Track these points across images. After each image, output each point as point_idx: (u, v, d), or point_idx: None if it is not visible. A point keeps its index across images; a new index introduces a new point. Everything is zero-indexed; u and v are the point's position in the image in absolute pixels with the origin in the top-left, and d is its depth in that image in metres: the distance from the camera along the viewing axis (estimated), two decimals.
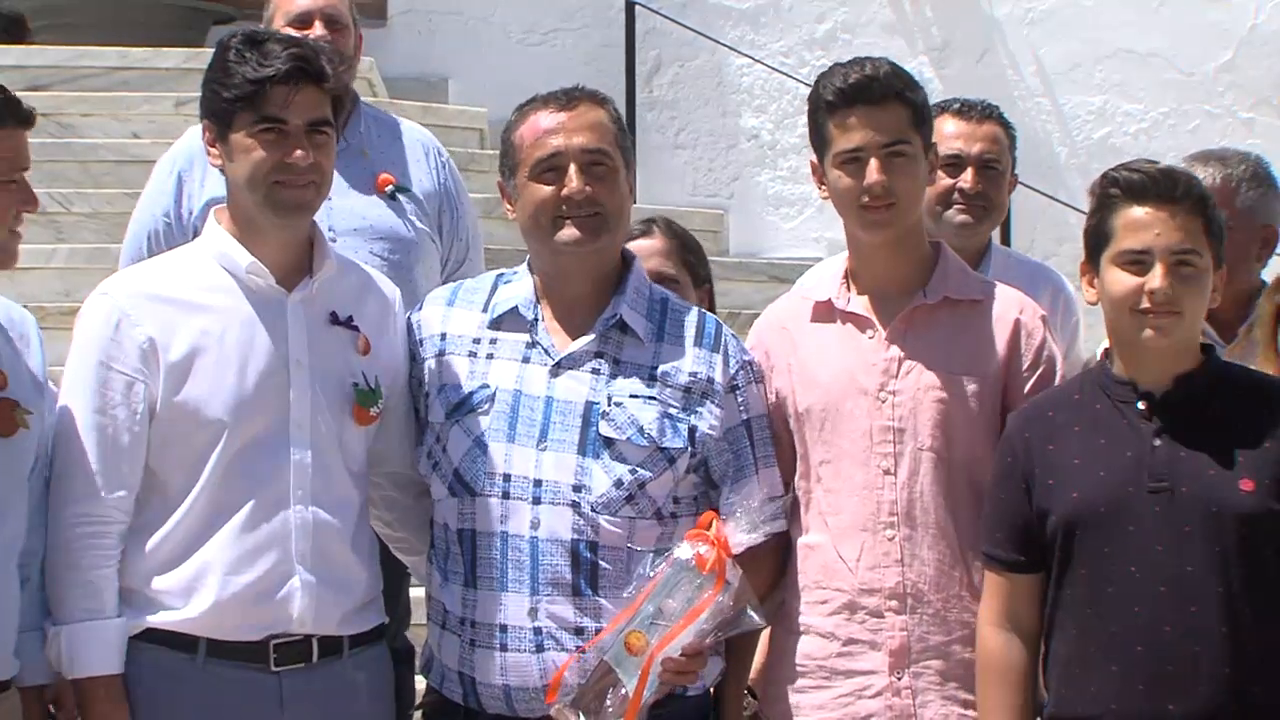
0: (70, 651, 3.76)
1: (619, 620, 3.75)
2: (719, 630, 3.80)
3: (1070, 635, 3.74)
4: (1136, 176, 3.77)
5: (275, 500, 3.81)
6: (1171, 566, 3.65)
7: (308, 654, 3.84)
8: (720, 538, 3.79)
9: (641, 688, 3.72)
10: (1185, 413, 3.75)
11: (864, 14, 10.77)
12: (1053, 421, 3.83)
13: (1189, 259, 3.72)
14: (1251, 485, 3.67)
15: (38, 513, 3.81)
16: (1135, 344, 3.76)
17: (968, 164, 5.17)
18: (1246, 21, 10.96)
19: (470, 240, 5.15)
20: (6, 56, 9.19)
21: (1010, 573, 3.82)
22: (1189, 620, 3.64)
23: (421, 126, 5.35)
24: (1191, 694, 3.63)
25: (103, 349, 3.83)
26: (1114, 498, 3.70)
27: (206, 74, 3.94)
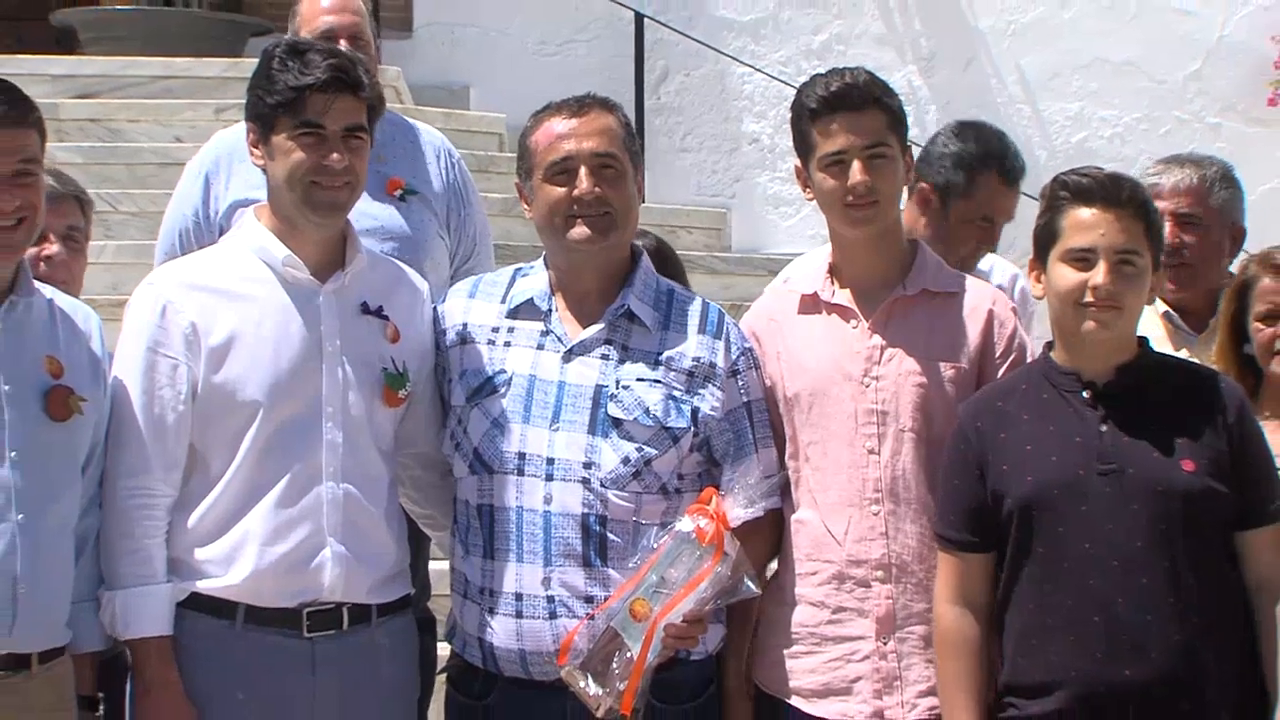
0: (124, 614, 3.80)
1: (625, 589, 3.77)
2: (718, 598, 3.81)
3: (1027, 608, 3.77)
4: (1084, 180, 3.82)
5: (309, 476, 3.84)
6: (1122, 542, 3.69)
7: (338, 621, 3.87)
8: (719, 512, 3.81)
9: (645, 651, 3.72)
10: (1127, 400, 3.79)
11: (856, 27, 10.77)
12: (1002, 411, 3.85)
13: (1130, 258, 3.76)
14: (1192, 465, 3.71)
15: (95, 494, 3.84)
16: (1078, 336, 3.80)
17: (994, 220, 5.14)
18: (1214, 33, 10.98)
19: (478, 236, 5.16)
20: (59, 66, 9.21)
21: (964, 553, 3.85)
22: (1139, 591, 3.67)
23: (435, 129, 5.35)
24: (1145, 659, 3.66)
25: (150, 335, 3.86)
26: (1067, 480, 3.73)
27: (251, 80, 3.96)
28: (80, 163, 7.81)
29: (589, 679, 3.74)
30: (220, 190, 4.87)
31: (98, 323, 3.95)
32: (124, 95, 9.09)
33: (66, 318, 3.88)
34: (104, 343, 3.92)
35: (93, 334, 3.91)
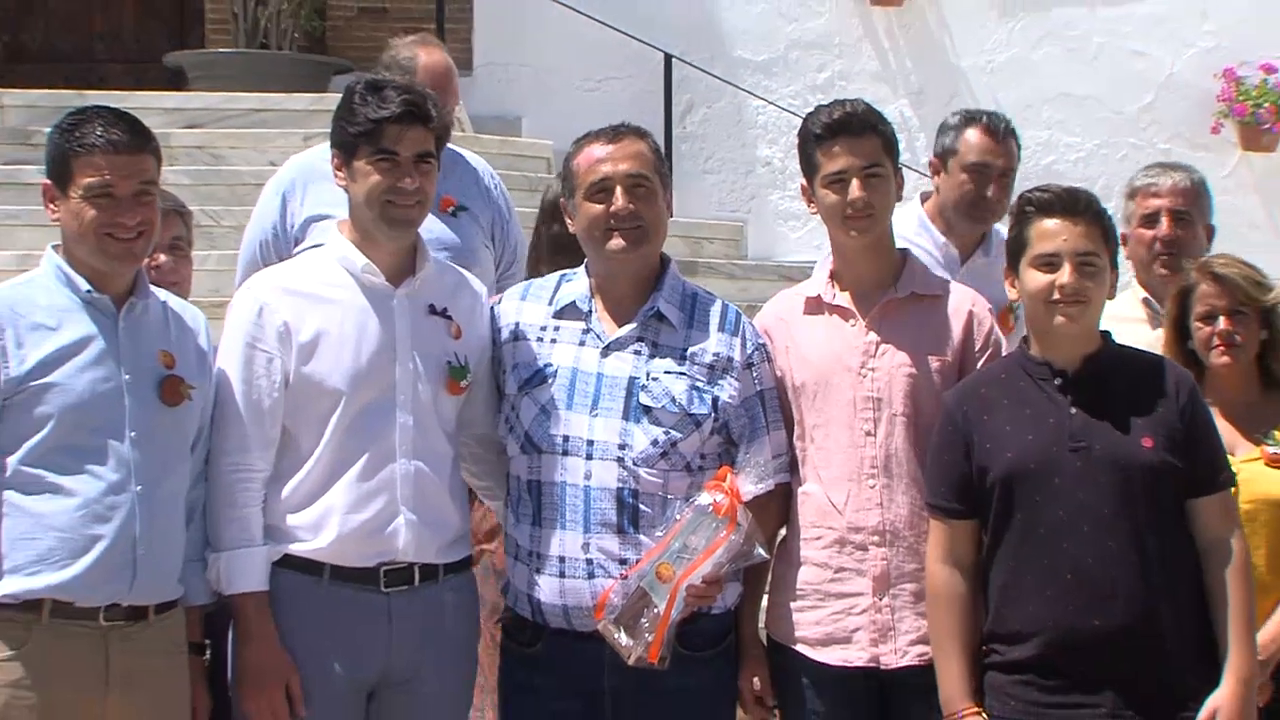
0: (228, 573, 3.81)
1: (652, 554, 3.76)
2: (733, 562, 3.80)
3: (1008, 567, 3.76)
4: (1046, 195, 3.82)
5: (384, 454, 3.84)
6: (1091, 509, 3.68)
7: (410, 578, 3.87)
8: (733, 488, 3.80)
9: (669, 609, 3.72)
10: (1092, 386, 3.77)
11: (855, 65, 10.76)
12: (985, 396, 3.84)
13: (1090, 259, 3.75)
14: (1151, 442, 3.70)
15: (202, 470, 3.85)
16: (1049, 330, 3.79)
17: (991, 176, 5.09)
18: (1164, 71, 10.93)
19: (516, 248, 5.17)
20: (170, 100, 9.25)
21: (952, 519, 3.83)
22: (1106, 551, 3.66)
23: (479, 157, 5.36)
24: (1111, 611, 3.65)
25: (248, 332, 3.87)
26: (1042, 457, 3.72)
27: (336, 112, 3.95)
28: (188, 184, 7.84)
29: (621, 631, 3.74)
30: (296, 207, 4.88)
31: (204, 321, 3.96)
32: (225, 126, 9.12)
33: (177, 316, 3.89)
34: (209, 338, 3.93)
35: (200, 331, 3.92)
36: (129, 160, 3.72)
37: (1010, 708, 3.74)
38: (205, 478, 3.86)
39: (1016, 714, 3.73)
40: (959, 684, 3.77)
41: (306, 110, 9.06)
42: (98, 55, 11.10)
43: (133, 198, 3.72)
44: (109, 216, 3.69)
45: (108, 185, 3.69)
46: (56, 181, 3.76)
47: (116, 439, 3.68)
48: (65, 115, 3.84)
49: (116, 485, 3.66)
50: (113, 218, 3.70)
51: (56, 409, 3.64)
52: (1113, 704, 3.66)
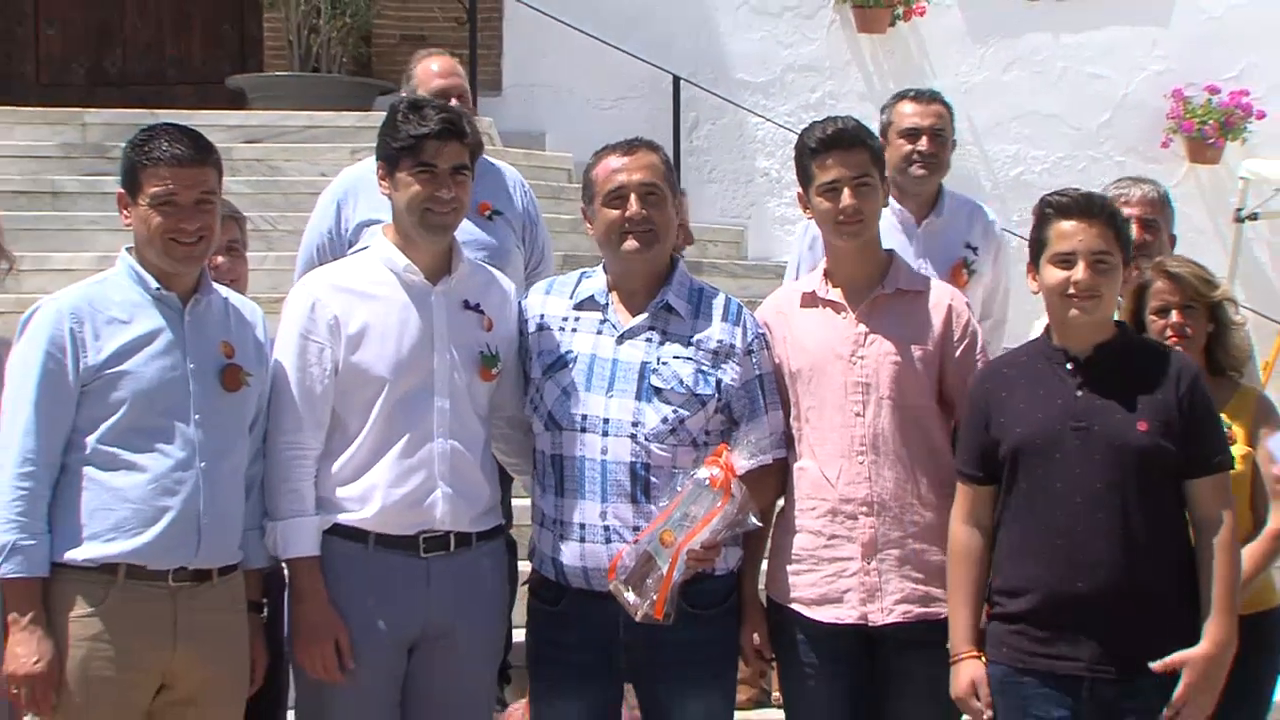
0: (283, 540, 3.81)
1: (656, 523, 3.75)
2: (728, 530, 3.79)
3: (1015, 530, 3.75)
4: (1064, 199, 3.79)
5: (423, 435, 3.83)
6: (1085, 484, 3.66)
7: (447, 545, 3.86)
8: (728, 464, 3.78)
9: (671, 571, 3.71)
10: (1101, 372, 3.75)
11: (844, 86, 10.75)
12: (1005, 376, 3.84)
13: (1104, 258, 3.72)
14: (1146, 426, 3.67)
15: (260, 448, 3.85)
16: (1065, 321, 3.77)
17: (922, 133, 5.15)
18: (1120, 91, 10.90)
19: (544, 249, 5.17)
20: (232, 119, 9.25)
21: (974, 485, 3.82)
22: (1094, 522, 3.65)
23: (511, 167, 5.36)
24: (1095, 576, 3.64)
25: (302, 325, 3.86)
26: (1047, 433, 3.71)
27: (381, 128, 3.95)
28: (248, 193, 7.85)
29: (630, 591, 3.73)
30: (349, 213, 4.88)
31: (261, 315, 3.96)
32: (281, 140, 9.12)
33: (237, 311, 3.89)
34: (266, 331, 3.93)
35: (257, 324, 3.91)
36: (191, 172, 3.72)
37: (1004, 654, 3.74)
38: (263, 455, 3.86)
39: (1008, 660, 3.73)
40: (965, 631, 3.78)
41: (354, 127, 9.05)
42: (169, 79, 11.15)
43: (194, 206, 3.72)
44: (173, 222, 3.70)
45: (171, 194, 3.70)
46: (128, 190, 3.77)
47: (183, 421, 3.68)
48: (137, 132, 3.84)
49: (183, 462, 3.67)
50: (176, 224, 3.70)
51: (129, 394, 3.65)
52: (1091, 657, 3.65)
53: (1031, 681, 3.70)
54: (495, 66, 10.60)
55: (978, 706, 3.75)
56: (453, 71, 5.17)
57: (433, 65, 5.18)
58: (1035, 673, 3.69)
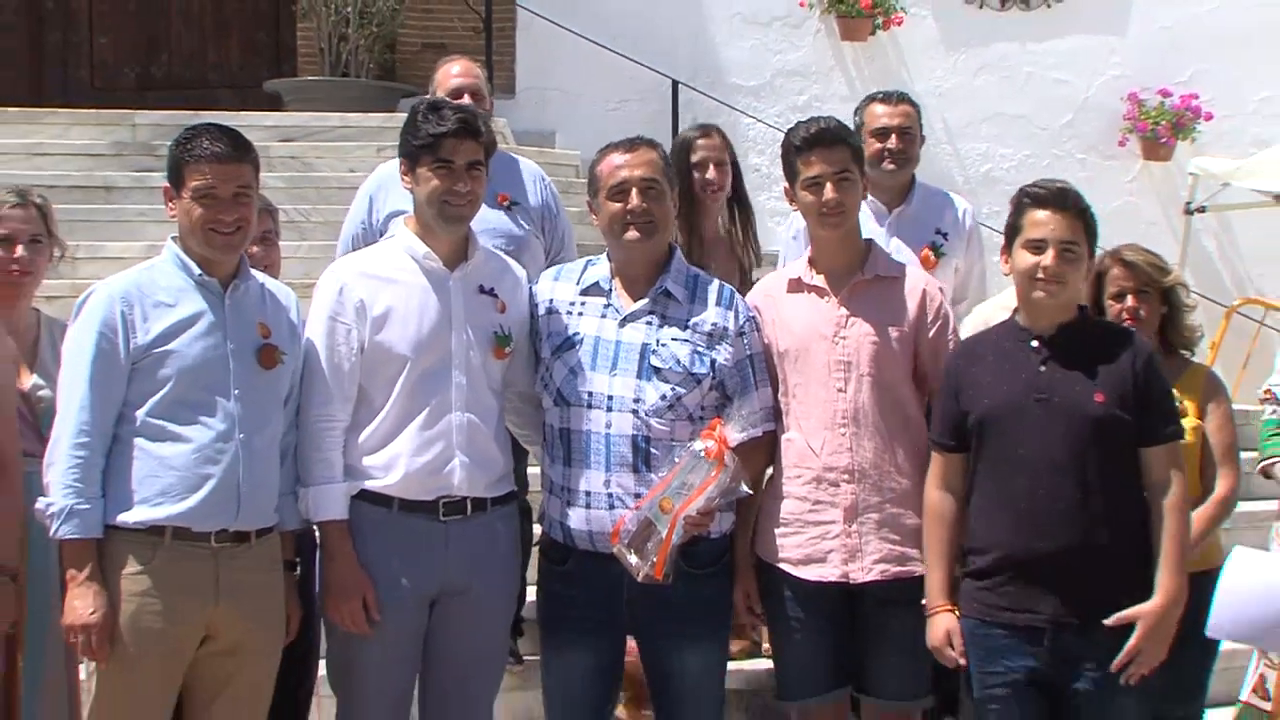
0: (314, 504, 3.81)
1: (655, 491, 3.75)
2: (722, 497, 3.78)
3: (981, 493, 3.75)
4: (1041, 191, 3.79)
5: (442, 408, 3.82)
6: (1046, 451, 3.66)
7: (464, 509, 3.85)
8: (722, 436, 3.77)
9: (670, 535, 3.71)
10: (1063, 349, 3.74)
11: (829, 90, 10.70)
12: (976, 353, 3.84)
13: (1071, 247, 3.72)
14: (1103, 398, 3.67)
15: (293, 420, 3.84)
16: (1031, 302, 3.77)
17: (891, 132, 5.15)
18: (1082, 95, 10.86)
19: (564, 237, 5.12)
20: (269, 120, 9.21)
21: (947, 453, 3.82)
22: (1055, 487, 3.64)
23: (531, 161, 5.33)
24: (1055, 536, 3.64)
25: (331, 307, 3.85)
26: (1012, 405, 3.71)
27: (403, 128, 3.94)
28: (283, 187, 7.82)
29: (632, 553, 3.73)
30: (381, 205, 4.86)
31: (294, 299, 3.94)
32: (314, 140, 9.08)
33: (272, 295, 3.87)
34: (299, 313, 3.91)
35: (291, 307, 3.90)
36: (229, 168, 3.70)
37: (973, 609, 3.74)
38: (296, 427, 3.85)
39: (978, 613, 3.73)
40: (940, 587, 3.79)
41: (380, 127, 9.01)
42: (211, 83, 11.12)
43: (232, 198, 3.70)
44: (213, 214, 3.69)
45: (211, 188, 3.68)
46: (173, 184, 3.76)
47: (223, 396, 3.67)
48: (181, 131, 3.83)
49: (224, 434, 3.66)
50: (215, 215, 3.69)
51: (175, 371, 3.64)
52: (1052, 611, 3.65)
53: (999, 633, 3.70)
54: (509, 72, 10.57)
55: (952, 655, 3.76)
56: (469, 72, 5.15)
57: (453, 68, 5.17)
58: (1002, 625, 3.70)
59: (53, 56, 11.32)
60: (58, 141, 8.95)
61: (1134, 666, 3.60)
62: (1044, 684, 3.69)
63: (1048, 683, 3.68)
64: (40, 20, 11.27)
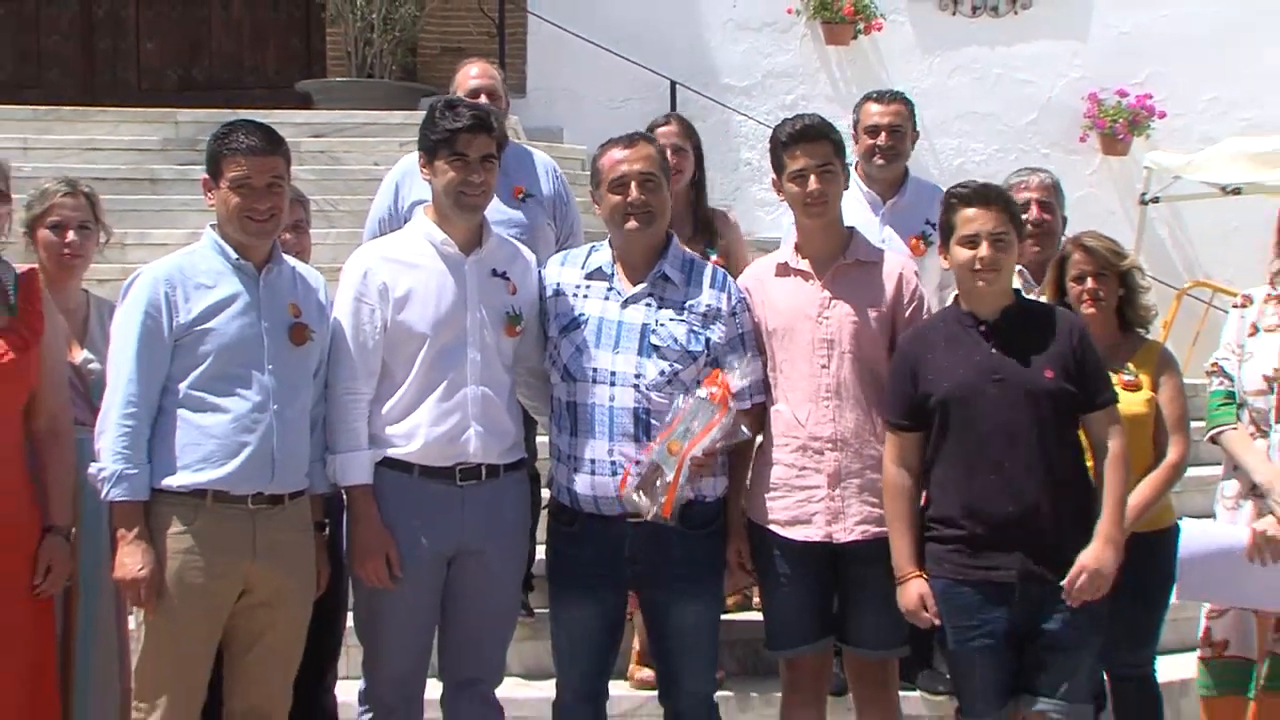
0: (342, 470, 3.79)
1: (663, 436, 3.73)
2: (724, 439, 3.77)
3: (946, 466, 3.74)
4: (966, 190, 3.79)
5: (459, 382, 3.80)
6: (1007, 424, 3.66)
7: (479, 475, 3.83)
8: (724, 383, 3.77)
9: (677, 475, 3.70)
10: (1008, 332, 3.74)
11: (814, 90, 10.66)
12: (928, 339, 3.81)
13: (1002, 238, 3.72)
14: (1051, 373, 3.68)
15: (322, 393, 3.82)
16: (972, 291, 3.76)
17: (882, 130, 5.14)
18: (1046, 95, 10.81)
19: (574, 226, 5.09)
20: (300, 117, 9.19)
21: (903, 432, 3.80)
22: (1018, 455, 3.65)
23: (544, 154, 5.30)
24: (1020, 499, 3.64)
25: (357, 289, 3.83)
26: (970, 386, 3.69)
27: (421, 125, 3.91)
28: (312, 180, 7.77)
29: (641, 495, 3.71)
30: (405, 194, 4.83)
31: (323, 282, 3.91)
32: (341, 135, 9.05)
33: (302, 278, 3.85)
34: (327, 294, 3.89)
35: (320, 289, 3.87)
36: (263, 160, 3.68)
37: (944, 569, 3.73)
38: (324, 399, 3.82)
39: (949, 574, 3.72)
40: (908, 554, 3.77)
41: (402, 124, 8.97)
42: (247, 84, 11.09)
43: (266, 188, 3.68)
44: (248, 202, 3.67)
45: (247, 178, 3.66)
46: (212, 176, 3.74)
47: (258, 370, 3.65)
48: (219, 127, 3.80)
49: (259, 405, 3.64)
50: (250, 203, 3.67)
51: (214, 348, 3.63)
52: (1020, 564, 3.66)
53: (969, 590, 3.69)
54: (520, 73, 10.54)
55: (926, 616, 3.74)
56: (486, 74, 5.12)
57: (471, 70, 5.15)
58: (972, 582, 3.69)
59: (103, 60, 11.36)
60: (108, 137, 8.94)
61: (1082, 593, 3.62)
62: (1012, 635, 3.69)
63: (1016, 633, 3.69)
64: (92, 28, 11.33)
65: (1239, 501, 4.01)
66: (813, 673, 4.04)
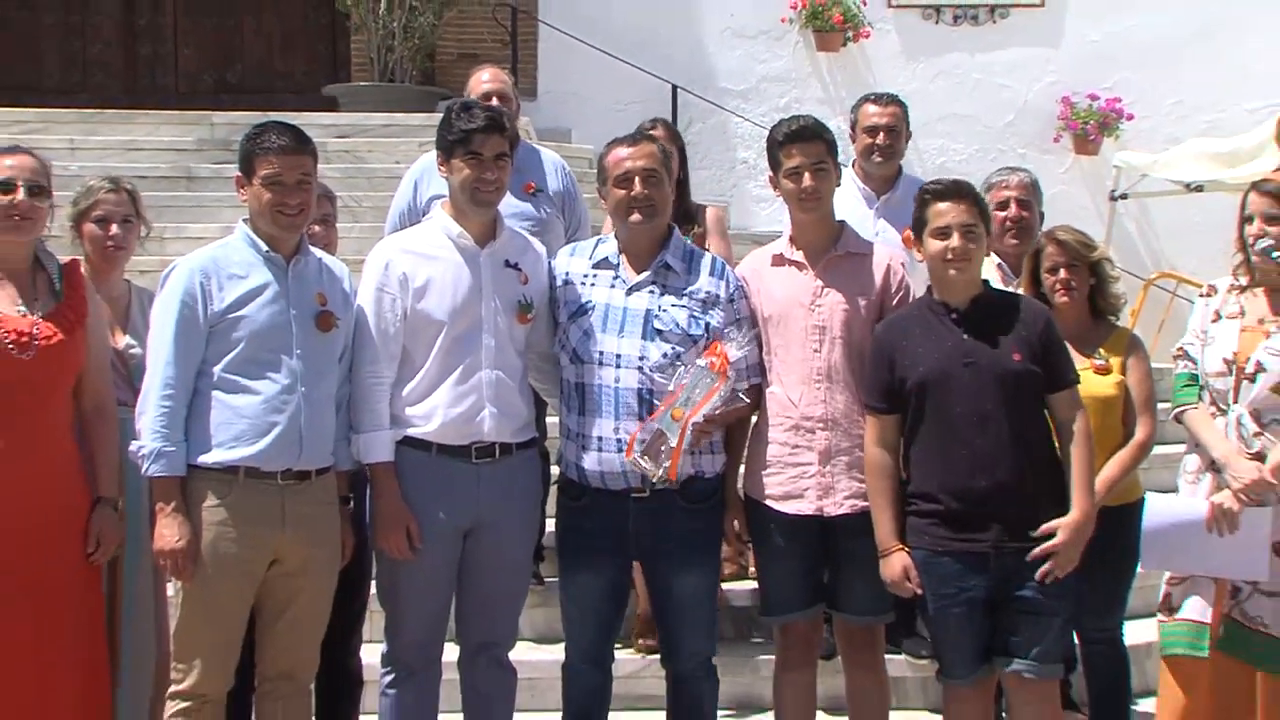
0: (365, 448, 3.76)
1: (667, 403, 3.71)
2: (724, 405, 3.75)
3: (923, 446, 3.71)
4: (939, 186, 3.77)
5: (473, 366, 3.77)
6: (978, 406, 3.63)
7: (493, 453, 3.80)
8: (723, 353, 3.75)
9: (681, 441, 3.68)
10: (978, 319, 3.72)
11: (806, 94, 10.65)
12: (903, 327, 3.78)
13: (972, 230, 3.70)
14: (1019, 357, 3.65)
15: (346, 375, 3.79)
16: (945, 280, 3.73)
17: (879, 130, 5.12)
18: (1022, 98, 10.82)
19: (581, 219, 5.08)
20: (326, 119, 9.16)
21: (882, 415, 3.77)
22: (990, 434, 3.62)
23: (553, 152, 5.28)
24: (992, 473, 3.62)
25: (379, 280, 3.80)
26: (945, 370, 3.66)
27: (439, 126, 3.89)
28: (338, 177, 7.75)
29: (647, 459, 3.69)
30: (424, 190, 4.81)
31: (347, 272, 3.89)
32: (365, 136, 9.04)
33: (328, 269, 3.82)
34: (351, 284, 3.86)
35: (344, 279, 3.85)
36: (292, 159, 3.66)
37: (925, 541, 3.70)
38: (348, 382, 3.80)
39: (929, 545, 3.70)
40: (890, 529, 3.74)
41: (421, 125, 8.95)
42: (277, 88, 11.09)
43: (295, 185, 3.66)
44: (278, 198, 3.65)
45: (278, 176, 3.65)
46: (244, 173, 3.72)
47: (287, 355, 3.63)
48: (251, 127, 3.78)
49: (288, 387, 3.63)
50: (281, 199, 3.65)
51: (246, 333, 3.61)
52: (995, 536, 3.64)
53: (948, 560, 3.67)
54: (532, 78, 10.54)
55: (909, 586, 3.72)
56: (498, 78, 5.09)
57: (484, 75, 5.11)
58: (951, 553, 3.67)
59: (144, 66, 11.40)
60: (148, 138, 8.94)
61: (1054, 568, 3.61)
62: (988, 601, 3.67)
63: (991, 599, 3.67)
64: (134, 36, 11.38)
65: (1199, 476, 3.98)
66: (805, 638, 4.02)
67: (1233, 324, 3.97)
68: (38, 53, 11.27)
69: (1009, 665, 3.68)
